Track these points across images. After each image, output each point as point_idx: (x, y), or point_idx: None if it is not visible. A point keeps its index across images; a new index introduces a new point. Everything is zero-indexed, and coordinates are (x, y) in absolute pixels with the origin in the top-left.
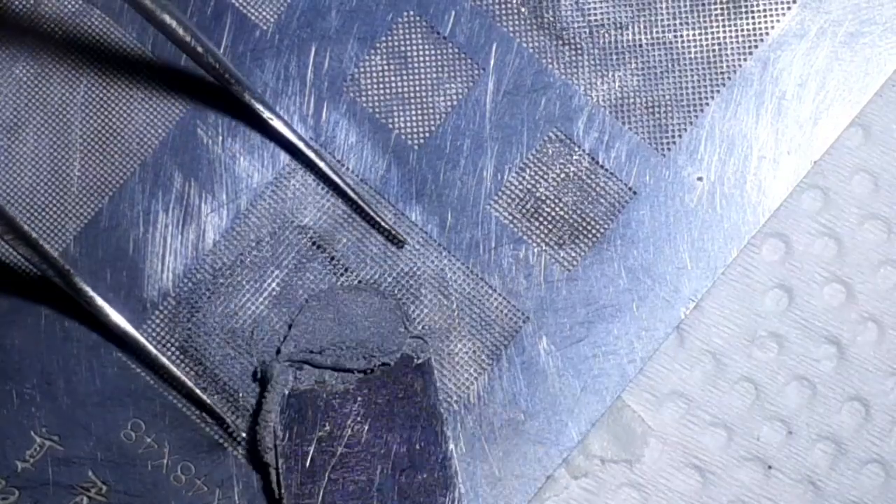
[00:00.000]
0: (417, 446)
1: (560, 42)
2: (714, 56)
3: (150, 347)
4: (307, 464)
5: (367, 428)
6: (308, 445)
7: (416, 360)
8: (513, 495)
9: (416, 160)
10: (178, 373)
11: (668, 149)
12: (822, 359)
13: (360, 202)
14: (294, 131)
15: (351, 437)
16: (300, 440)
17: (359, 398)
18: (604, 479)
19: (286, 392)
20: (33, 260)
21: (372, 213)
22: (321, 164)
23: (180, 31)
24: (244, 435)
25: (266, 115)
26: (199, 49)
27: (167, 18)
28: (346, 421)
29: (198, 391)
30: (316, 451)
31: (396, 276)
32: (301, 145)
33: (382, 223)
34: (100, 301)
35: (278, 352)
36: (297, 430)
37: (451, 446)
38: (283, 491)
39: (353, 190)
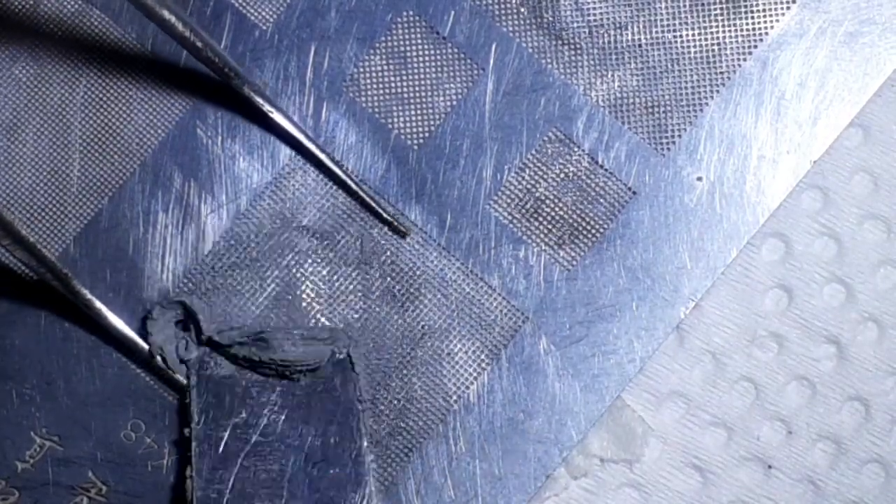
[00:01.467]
0: (332, 440)
1: (559, 42)
2: (713, 56)
3: (145, 344)
4: (220, 449)
5: (283, 418)
6: (223, 431)
7: (337, 355)
8: (512, 495)
9: (416, 160)
10: (176, 376)
11: (668, 149)
12: (822, 359)
13: (361, 194)
14: (295, 124)
15: (266, 426)
16: (215, 425)
17: (277, 388)
18: (603, 478)
19: (205, 375)
20: (31, 264)
21: (374, 205)
22: (322, 157)
23: (179, 27)
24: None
25: (266, 108)
26: (199, 44)
27: (166, 14)
28: (262, 410)
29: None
30: (230, 438)
31: (396, 276)
32: (302, 138)
33: (384, 214)
34: (98, 304)
35: (200, 332)
36: (212, 415)
37: (365, 443)
38: (193, 474)
39: (354, 182)
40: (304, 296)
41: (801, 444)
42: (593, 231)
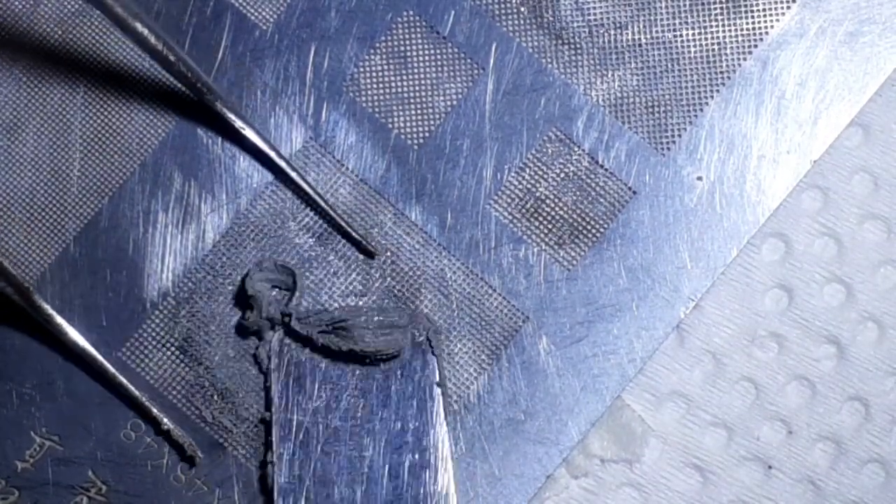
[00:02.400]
0: (411, 425)
1: (559, 42)
2: (713, 55)
3: (109, 366)
4: (301, 434)
5: (362, 402)
6: (302, 416)
7: (417, 337)
8: (513, 495)
9: (416, 160)
10: (137, 394)
11: (668, 148)
12: (822, 358)
13: (332, 214)
14: (267, 141)
15: (346, 410)
16: (295, 409)
17: (357, 372)
18: (604, 478)
19: (285, 359)
20: None
21: (344, 225)
22: (293, 175)
23: (152, 40)
24: (201, 456)
25: (238, 124)
26: (171, 58)
27: (139, 27)
28: (342, 394)
29: (154, 411)
30: (310, 422)
31: (396, 276)
32: (273, 155)
33: (353, 234)
34: (59, 319)
35: (286, 315)
36: (292, 400)
37: (445, 428)
38: (274, 458)
39: (323, 200)
40: (304, 296)
41: (801, 444)
42: (593, 231)
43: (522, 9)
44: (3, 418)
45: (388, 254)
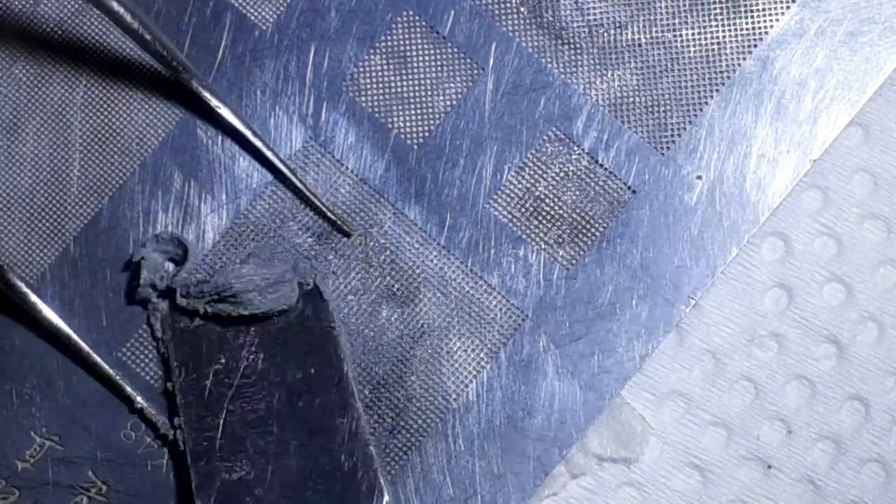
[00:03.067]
0: (312, 370)
1: (559, 41)
2: (713, 55)
3: (83, 344)
4: (205, 397)
5: (262, 357)
6: (205, 379)
7: (305, 287)
8: (512, 493)
9: (416, 160)
10: (109, 370)
11: (668, 148)
12: (822, 358)
13: (307, 193)
14: (242, 119)
15: (247, 367)
16: (196, 374)
17: (252, 329)
18: (603, 477)
19: (179, 328)
20: None
21: (318, 204)
22: (269, 155)
23: (128, 18)
24: (173, 436)
25: (214, 103)
26: (147, 37)
27: (115, 6)
28: (240, 352)
29: (128, 389)
30: (213, 384)
31: (396, 275)
32: (248, 134)
33: (328, 213)
34: (34, 297)
35: (169, 289)
36: (192, 365)
37: (347, 368)
38: (182, 423)
39: (299, 181)
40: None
41: (801, 443)
42: (593, 230)
43: (522, 9)
44: (3, 418)
45: (388, 253)
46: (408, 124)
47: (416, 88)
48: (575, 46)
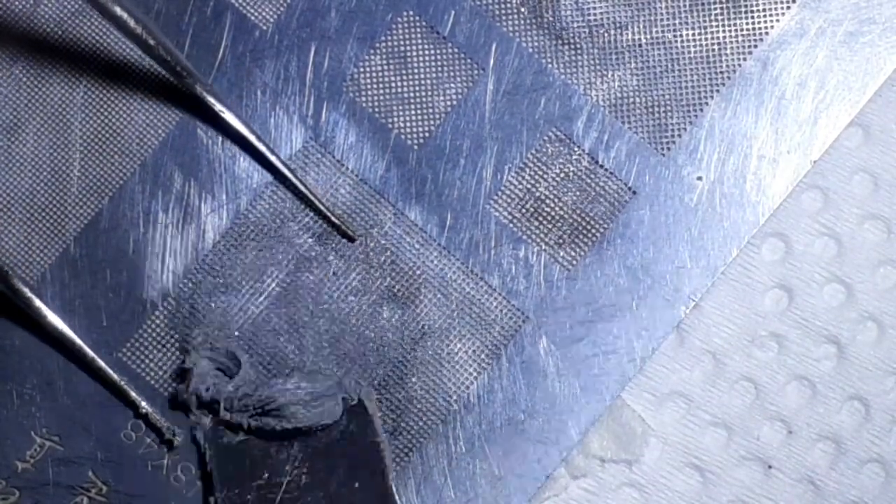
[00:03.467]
0: (356, 484)
1: (560, 42)
2: (713, 55)
3: (87, 349)
4: None
5: (305, 471)
6: (248, 494)
7: (350, 402)
8: (512, 495)
9: (416, 160)
10: (113, 375)
11: (668, 148)
12: (822, 358)
13: (312, 198)
14: (246, 124)
15: (290, 482)
16: (239, 490)
17: (295, 444)
18: (603, 478)
19: (223, 443)
20: None
21: (323, 209)
22: (272, 158)
23: (131, 23)
24: (179, 439)
25: (218, 107)
26: (151, 41)
27: (118, 10)
28: (283, 467)
29: (133, 394)
30: (255, 499)
31: (396, 276)
32: (252, 139)
33: (332, 218)
34: (38, 303)
35: (215, 403)
36: (235, 481)
37: (391, 482)
38: None
39: (304, 185)
40: (304, 296)
41: (801, 444)
42: (593, 231)
43: (522, 9)
44: (3, 418)
45: (388, 254)
46: (408, 125)
47: (417, 89)
48: (575, 47)
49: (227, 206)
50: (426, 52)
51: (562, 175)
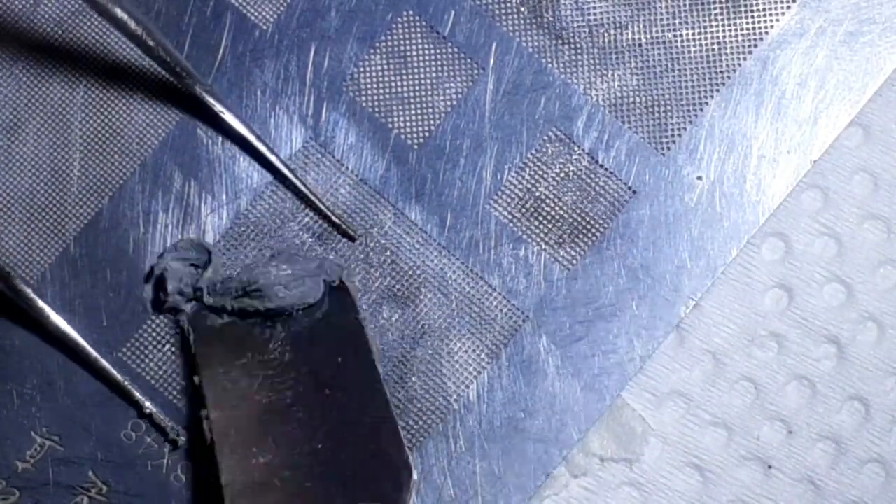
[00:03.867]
0: (339, 359)
1: (560, 41)
2: (713, 55)
3: (91, 350)
4: (232, 388)
5: (288, 350)
6: (231, 372)
7: (331, 283)
8: (512, 494)
9: (416, 160)
10: (117, 375)
11: (668, 148)
12: (822, 358)
13: (312, 198)
14: (246, 124)
15: (273, 359)
16: (223, 368)
17: (278, 324)
18: (604, 477)
19: (205, 325)
20: None
21: (323, 209)
22: (273, 159)
23: (132, 25)
24: (183, 439)
25: (218, 108)
26: (151, 43)
27: (118, 12)
28: (267, 346)
29: (137, 395)
30: (239, 375)
31: (396, 276)
32: (252, 139)
33: (333, 217)
34: (41, 304)
35: (197, 290)
36: (218, 360)
37: (374, 359)
38: (209, 414)
39: (305, 186)
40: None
41: (801, 443)
42: (593, 230)
43: (522, 9)
44: (3, 418)
45: (388, 253)
46: (408, 124)
47: (417, 88)
48: (575, 46)
49: (227, 206)
50: (426, 51)
51: (562, 175)
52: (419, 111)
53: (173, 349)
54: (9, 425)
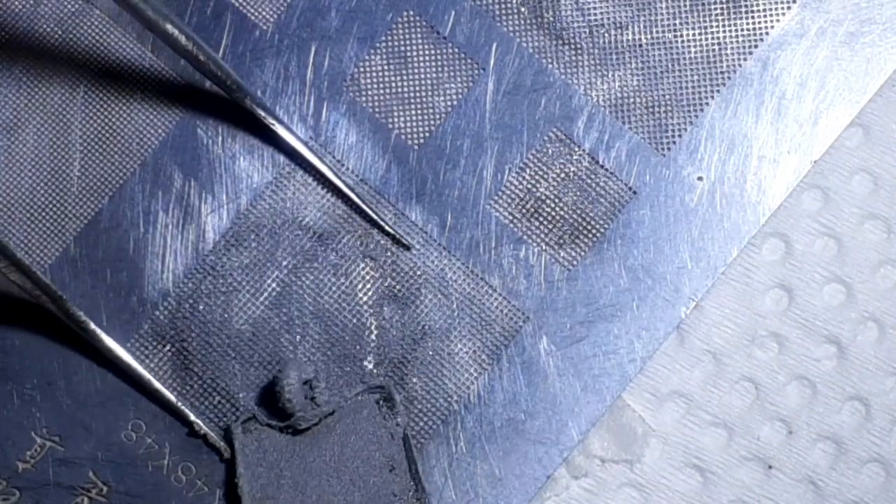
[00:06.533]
0: (390, 469)
1: (560, 42)
2: (714, 56)
3: (143, 371)
4: (266, 484)
5: (334, 461)
6: (278, 481)
7: (378, 393)
8: (513, 495)
9: (416, 160)
10: (170, 396)
11: (668, 148)
12: (822, 358)
13: (363, 206)
14: (297, 136)
15: (318, 469)
16: (266, 478)
17: (322, 433)
18: (604, 478)
19: (250, 432)
20: (26, 286)
21: (377, 218)
22: (324, 169)
23: (182, 40)
24: (227, 449)
25: (268, 120)
26: (202, 57)
27: (169, 27)
28: (312, 455)
29: (192, 416)
30: (285, 485)
31: (396, 276)
32: (304, 150)
33: (387, 227)
34: (93, 326)
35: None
36: (263, 469)
37: (420, 471)
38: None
39: (356, 195)
40: (305, 296)
41: (801, 444)
42: (594, 231)
43: (523, 9)
44: (3, 418)
45: (388, 253)
46: (408, 124)
47: (417, 88)
48: (576, 47)
49: (227, 206)
50: (426, 52)
51: (562, 175)
52: (419, 111)
53: (173, 349)
54: (9, 425)
